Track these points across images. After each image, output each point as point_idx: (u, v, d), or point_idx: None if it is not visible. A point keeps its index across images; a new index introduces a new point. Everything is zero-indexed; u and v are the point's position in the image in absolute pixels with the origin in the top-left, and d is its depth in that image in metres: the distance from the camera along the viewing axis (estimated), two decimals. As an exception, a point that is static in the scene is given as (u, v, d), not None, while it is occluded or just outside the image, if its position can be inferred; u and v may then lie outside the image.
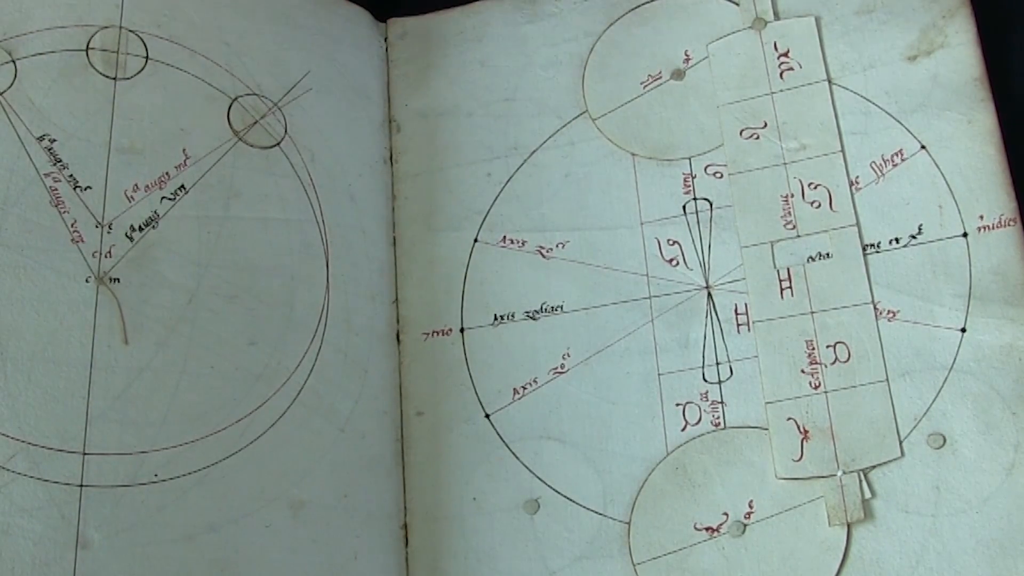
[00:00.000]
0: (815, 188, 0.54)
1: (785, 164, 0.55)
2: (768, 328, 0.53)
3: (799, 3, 0.58)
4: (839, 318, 0.52)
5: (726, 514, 0.51)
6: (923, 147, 0.54)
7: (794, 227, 0.54)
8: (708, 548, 0.50)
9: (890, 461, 0.49)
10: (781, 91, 0.56)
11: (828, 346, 0.52)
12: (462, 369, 0.56)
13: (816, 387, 0.51)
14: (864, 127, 0.55)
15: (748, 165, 0.56)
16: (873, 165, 0.54)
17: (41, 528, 0.46)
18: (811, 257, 0.53)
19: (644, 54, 0.59)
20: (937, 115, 0.54)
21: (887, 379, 0.50)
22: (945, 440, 0.49)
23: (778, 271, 0.53)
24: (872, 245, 0.53)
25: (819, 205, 0.54)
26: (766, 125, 0.56)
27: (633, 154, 0.58)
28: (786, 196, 0.54)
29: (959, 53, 0.54)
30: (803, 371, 0.51)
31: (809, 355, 0.52)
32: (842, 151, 0.55)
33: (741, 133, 0.56)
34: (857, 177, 0.54)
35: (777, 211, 0.54)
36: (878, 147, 0.54)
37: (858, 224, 0.53)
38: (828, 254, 0.53)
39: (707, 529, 0.50)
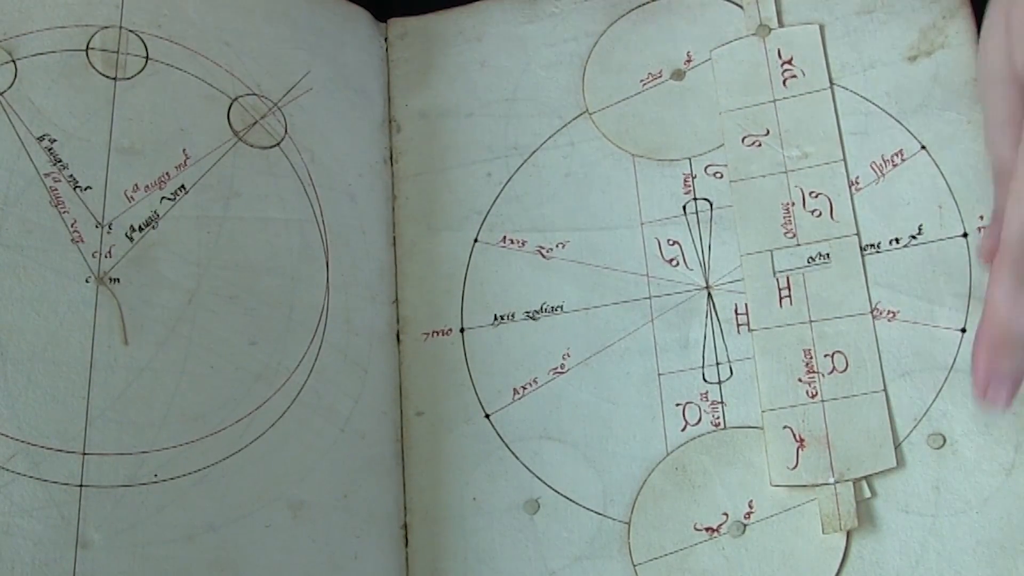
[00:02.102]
0: (816, 197, 0.54)
1: (787, 172, 0.55)
2: (766, 336, 0.53)
3: (802, 8, 0.58)
4: (837, 327, 0.52)
5: (726, 514, 0.51)
6: (923, 147, 0.54)
7: (794, 236, 0.54)
8: (708, 548, 0.50)
9: (885, 471, 0.49)
10: (784, 99, 0.56)
11: (826, 355, 0.51)
12: (462, 369, 0.56)
13: (813, 396, 0.51)
14: (864, 127, 0.55)
15: (750, 172, 0.55)
16: (873, 165, 0.54)
17: (41, 528, 0.46)
18: (810, 260, 0.53)
19: (645, 53, 0.59)
20: (937, 115, 0.54)
21: (884, 389, 0.50)
22: (945, 440, 0.49)
23: (777, 279, 0.53)
24: (872, 245, 0.53)
25: (820, 214, 0.54)
26: (768, 132, 0.56)
27: (633, 154, 0.58)
28: (787, 204, 0.54)
29: (959, 53, 0.54)
30: (800, 380, 0.51)
31: (807, 364, 0.52)
32: (844, 160, 0.54)
33: (743, 140, 0.56)
34: (857, 177, 0.54)
35: (778, 219, 0.54)
36: (878, 147, 0.54)
37: (858, 233, 0.53)
38: (828, 261, 0.53)
39: (707, 529, 0.50)
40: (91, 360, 0.49)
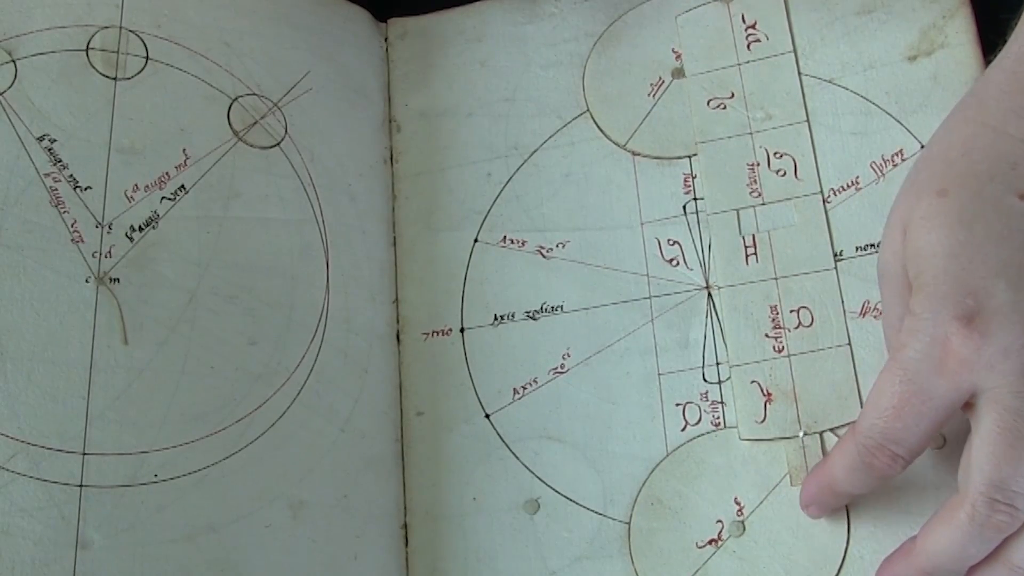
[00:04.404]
0: (780, 157, 0.55)
1: (751, 133, 0.56)
2: (733, 294, 0.53)
3: (801, 5, 0.58)
4: (802, 284, 0.52)
5: (720, 521, 0.51)
6: (923, 147, 0.54)
7: (759, 195, 0.54)
8: (720, 558, 0.50)
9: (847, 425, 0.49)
10: (748, 62, 0.57)
11: (792, 311, 0.52)
12: (462, 369, 0.56)
13: (779, 351, 0.52)
14: (864, 127, 0.55)
15: (715, 134, 0.56)
16: (873, 165, 0.54)
17: (41, 528, 0.46)
18: (776, 224, 0.54)
19: (645, 53, 0.59)
20: (937, 115, 0.54)
21: (849, 343, 0.51)
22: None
23: (743, 237, 0.54)
24: (872, 245, 0.53)
25: (784, 173, 0.54)
26: (733, 95, 0.56)
27: (633, 154, 0.58)
28: (752, 164, 0.55)
29: (959, 53, 0.54)
30: (767, 335, 0.52)
31: (773, 320, 0.52)
32: (807, 121, 0.55)
33: (708, 103, 0.56)
34: (857, 177, 0.54)
35: (743, 179, 0.55)
36: (878, 147, 0.54)
37: (821, 191, 0.54)
38: (792, 221, 0.53)
39: (710, 542, 0.50)
40: (91, 360, 0.49)
